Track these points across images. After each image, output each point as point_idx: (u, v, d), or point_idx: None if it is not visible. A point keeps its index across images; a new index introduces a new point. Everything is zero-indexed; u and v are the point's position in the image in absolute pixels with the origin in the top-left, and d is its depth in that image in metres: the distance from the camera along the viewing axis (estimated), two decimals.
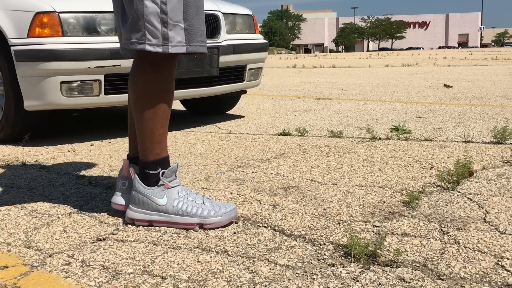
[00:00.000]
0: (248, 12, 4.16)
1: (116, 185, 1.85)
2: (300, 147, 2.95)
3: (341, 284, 1.26)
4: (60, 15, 3.03)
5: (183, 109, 4.94)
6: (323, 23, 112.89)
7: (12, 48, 3.06)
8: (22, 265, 1.41)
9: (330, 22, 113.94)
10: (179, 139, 3.35)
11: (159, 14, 1.58)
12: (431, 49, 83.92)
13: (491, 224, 1.62)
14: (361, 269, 1.33)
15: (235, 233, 1.61)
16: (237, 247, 1.50)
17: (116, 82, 3.21)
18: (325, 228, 1.63)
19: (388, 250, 1.43)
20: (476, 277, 1.27)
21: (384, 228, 1.61)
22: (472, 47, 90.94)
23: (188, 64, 3.49)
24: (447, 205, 1.82)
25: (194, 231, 1.64)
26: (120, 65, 3.15)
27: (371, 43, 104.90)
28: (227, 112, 4.63)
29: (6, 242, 1.59)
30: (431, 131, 3.35)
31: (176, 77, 2.08)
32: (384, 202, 1.88)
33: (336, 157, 2.66)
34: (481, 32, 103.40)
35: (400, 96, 5.83)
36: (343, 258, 1.40)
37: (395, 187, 2.07)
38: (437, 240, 1.51)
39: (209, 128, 3.81)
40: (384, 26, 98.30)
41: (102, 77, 3.15)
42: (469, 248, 1.44)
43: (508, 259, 1.37)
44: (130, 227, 1.69)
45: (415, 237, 1.53)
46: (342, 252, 1.44)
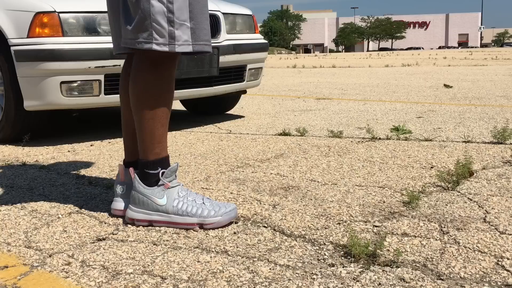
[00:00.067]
0: (248, 12, 4.16)
1: (114, 191, 1.84)
2: (300, 147, 2.95)
3: (341, 284, 1.26)
4: (60, 15, 3.03)
5: (183, 109, 4.94)
6: (323, 23, 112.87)
7: (12, 48, 3.06)
8: (22, 265, 1.41)
9: (330, 22, 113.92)
10: (179, 139, 3.35)
11: (165, 13, 1.58)
12: (431, 49, 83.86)
13: (491, 224, 1.62)
14: (361, 269, 1.33)
15: (235, 233, 1.61)
16: (237, 247, 1.50)
17: (116, 82, 3.20)
18: (325, 228, 1.63)
19: (388, 250, 1.43)
20: (476, 277, 1.27)
21: (384, 228, 1.61)
22: (472, 47, 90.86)
23: (188, 64, 3.49)
24: (447, 205, 1.82)
25: (194, 231, 1.64)
26: (120, 65, 3.15)
27: (371, 43, 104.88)
28: (227, 112, 4.63)
29: (6, 242, 1.59)
30: (431, 131, 3.35)
31: (176, 77, 2.08)
32: (384, 202, 1.88)
33: (336, 157, 2.66)
34: (481, 32, 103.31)
35: (400, 96, 5.83)
36: (343, 258, 1.40)
37: (395, 187, 2.07)
38: (437, 240, 1.51)
39: (209, 128, 3.81)
40: (384, 26, 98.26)
41: (102, 77, 3.15)
42: (469, 248, 1.44)
43: (508, 259, 1.37)
44: (130, 227, 1.69)
45: (415, 237, 1.53)
46: (342, 252, 1.44)
